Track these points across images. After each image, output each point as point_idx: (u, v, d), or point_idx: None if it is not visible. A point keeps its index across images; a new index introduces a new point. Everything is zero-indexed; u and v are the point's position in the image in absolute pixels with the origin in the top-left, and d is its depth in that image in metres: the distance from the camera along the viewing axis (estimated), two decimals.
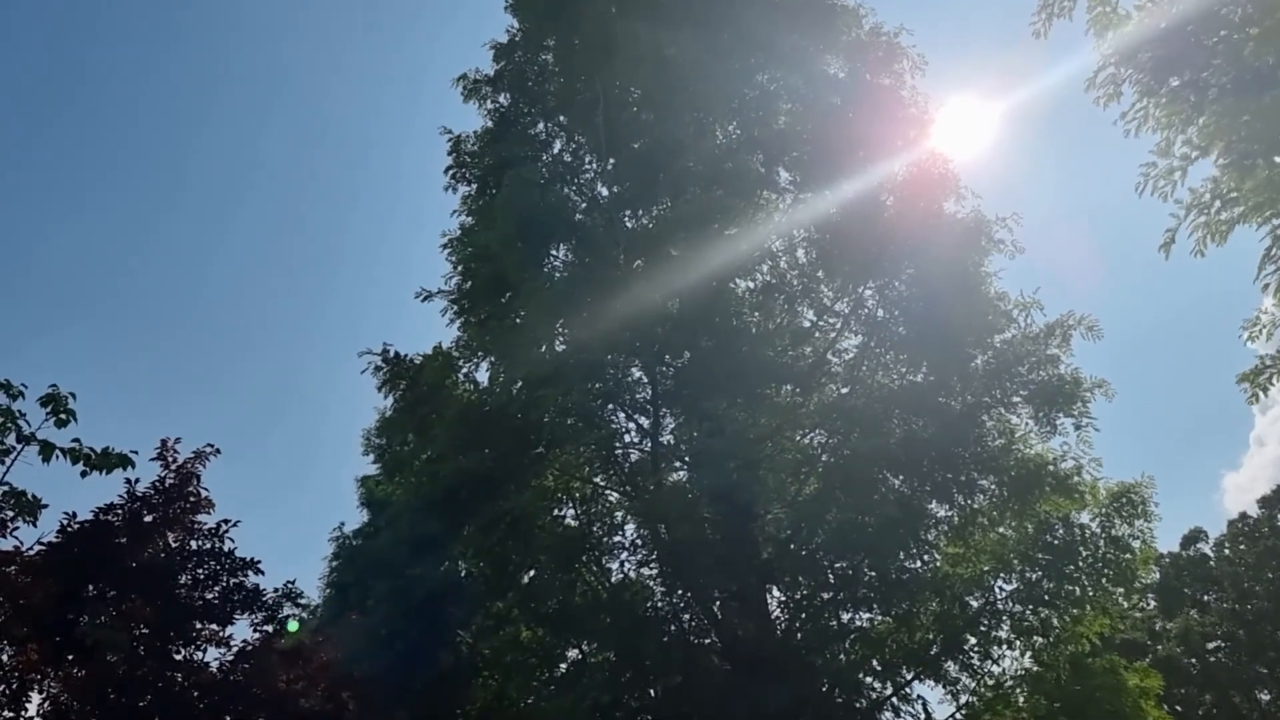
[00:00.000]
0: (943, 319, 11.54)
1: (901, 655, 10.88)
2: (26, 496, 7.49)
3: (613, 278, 12.27)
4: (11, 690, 10.96)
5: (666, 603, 11.12)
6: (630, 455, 12.40)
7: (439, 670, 11.06)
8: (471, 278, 13.29)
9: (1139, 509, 11.22)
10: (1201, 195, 5.37)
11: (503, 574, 11.05)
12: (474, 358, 13.31)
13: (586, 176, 14.64)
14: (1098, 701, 10.64)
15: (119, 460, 7.46)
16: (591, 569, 11.31)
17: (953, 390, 11.38)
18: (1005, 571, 11.36)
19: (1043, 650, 11.34)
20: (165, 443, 12.57)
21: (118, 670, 10.82)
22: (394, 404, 13.48)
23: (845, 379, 12.67)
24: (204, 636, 11.92)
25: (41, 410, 7.43)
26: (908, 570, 10.96)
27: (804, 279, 13.39)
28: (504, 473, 11.28)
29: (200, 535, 11.94)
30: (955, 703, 11.26)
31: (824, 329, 13.32)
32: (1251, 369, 6.21)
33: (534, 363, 12.02)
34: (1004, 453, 11.36)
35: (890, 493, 10.79)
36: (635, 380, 12.58)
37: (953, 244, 12.19)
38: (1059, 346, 11.79)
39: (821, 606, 11.25)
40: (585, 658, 11.30)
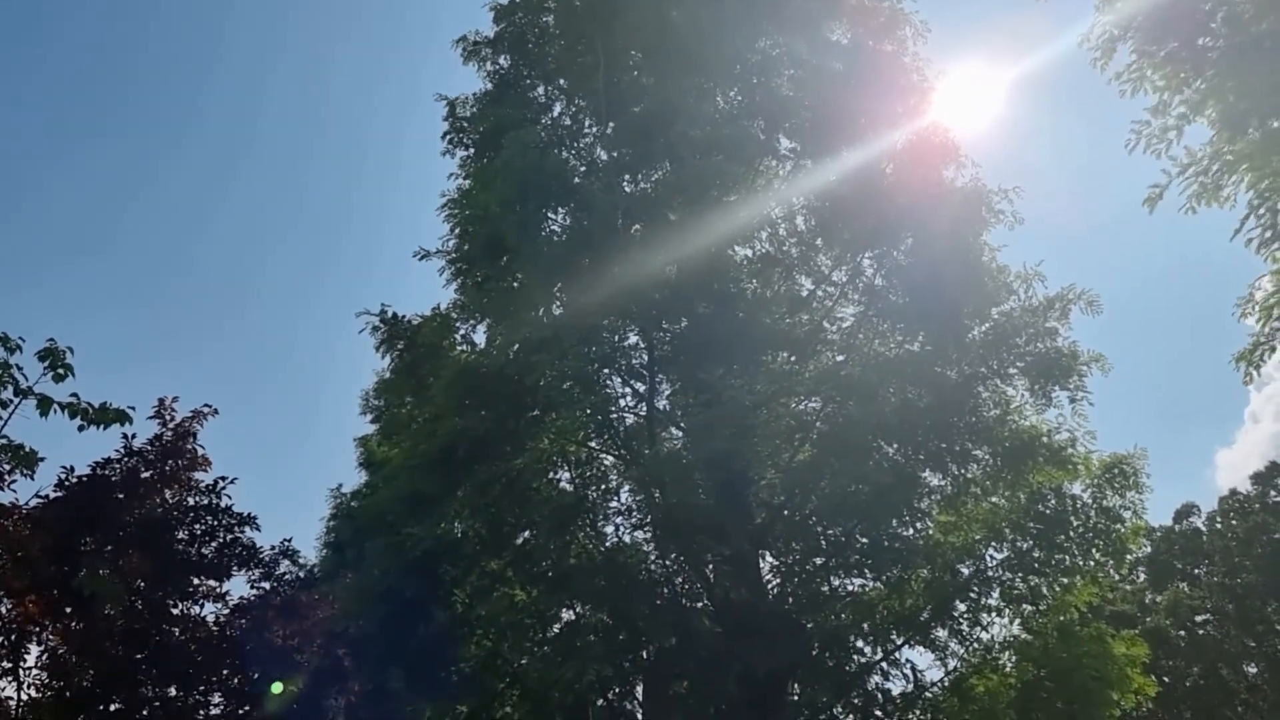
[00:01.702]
0: (941, 289, 11.52)
1: (892, 620, 10.99)
2: (24, 450, 7.50)
3: (611, 242, 12.23)
4: (10, 642, 11.11)
5: (660, 566, 11.21)
6: (626, 420, 12.45)
7: (433, 628, 11.15)
8: (469, 240, 13.24)
9: (1131, 480, 11.30)
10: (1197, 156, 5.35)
11: (498, 534, 11.11)
12: (471, 319, 13.30)
13: (586, 140, 14.55)
14: (1084, 668, 10.76)
15: (116, 416, 7.46)
16: (586, 531, 11.38)
17: (949, 360, 11.40)
18: (996, 540, 11.46)
19: (1032, 618, 11.47)
20: (163, 401, 12.68)
21: (115, 623, 10.97)
22: (391, 364, 13.48)
23: (842, 347, 12.68)
24: (201, 592, 12.08)
25: (39, 364, 7.41)
26: (900, 537, 11.03)
27: (802, 247, 13.36)
28: (501, 434, 11.31)
29: (197, 492, 12.06)
30: (944, 668, 11.41)
31: (821, 297, 13.31)
32: (1246, 348, 6.22)
33: (532, 326, 12.01)
34: (999, 423, 11.41)
35: (884, 460, 10.84)
36: (632, 345, 12.59)
37: (953, 214, 12.14)
38: (1058, 319, 11.78)
39: (813, 572, 11.35)
40: (579, 619, 11.40)
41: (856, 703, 10.85)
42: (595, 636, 10.36)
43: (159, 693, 11.45)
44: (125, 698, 11.20)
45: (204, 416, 12.56)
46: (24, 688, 11.32)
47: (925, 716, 11.18)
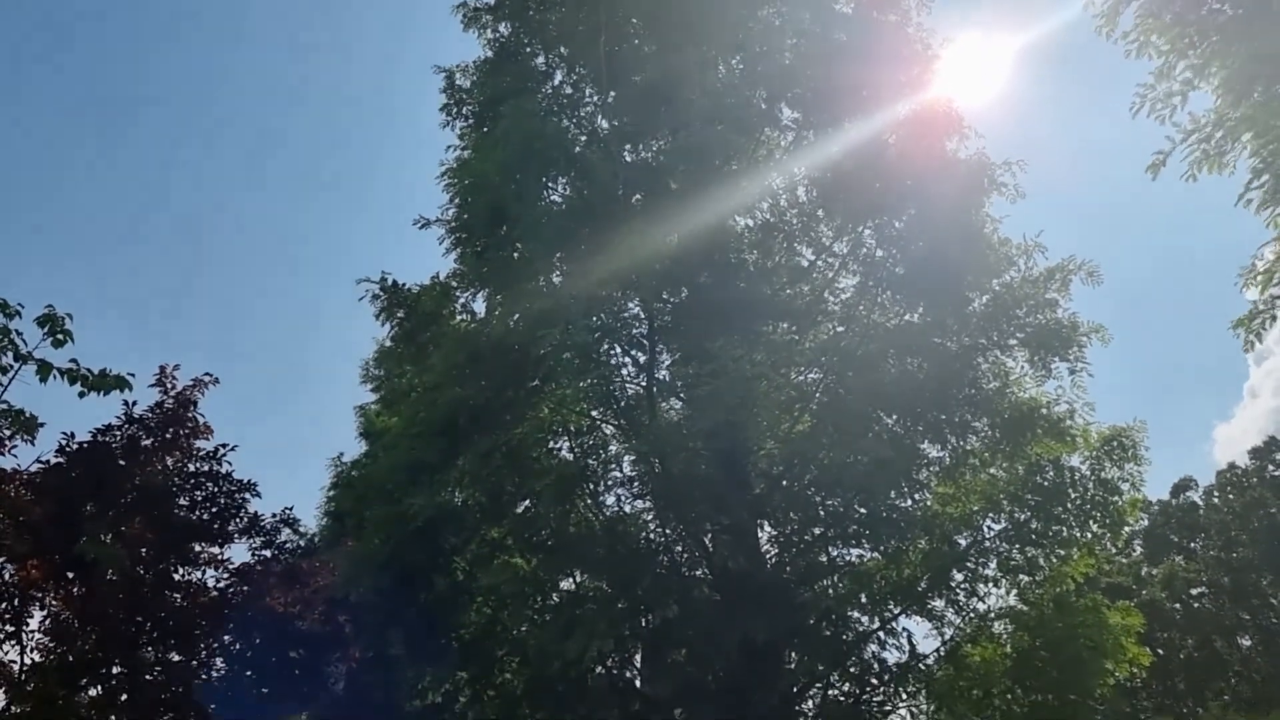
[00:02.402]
0: (942, 260, 11.49)
1: (889, 590, 11.05)
2: (24, 415, 7.51)
3: (612, 211, 12.19)
4: (13, 607, 11.19)
5: (660, 535, 11.25)
6: (626, 389, 12.45)
7: (433, 596, 11.22)
8: (469, 209, 13.18)
9: (1129, 452, 11.32)
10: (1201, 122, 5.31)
11: (498, 503, 11.15)
12: (471, 288, 13.27)
13: (587, 109, 14.45)
14: (1079, 638, 10.82)
15: (116, 382, 7.45)
16: (586, 500, 11.41)
17: (949, 331, 11.39)
18: (994, 511, 11.49)
19: (1028, 589, 11.53)
20: (164, 369, 12.68)
21: (117, 588, 11.04)
22: (391, 332, 13.48)
23: (842, 318, 12.66)
24: (203, 559, 12.15)
25: (39, 330, 7.40)
26: (898, 508, 11.07)
27: (803, 218, 13.32)
28: (501, 403, 11.32)
29: (198, 459, 12.10)
30: (940, 637, 11.47)
31: (822, 268, 13.29)
32: (1246, 314, 6.21)
33: (532, 295, 12.00)
34: (998, 395, 11.42)
35: (883, 432, 10.86)
36: (632, 315, 12.58)
37: (955, 185, 12.09)
38: (1058, 291, 11.76)
39: (812, 542, 11.40)
40: (579, 588, 11.47)
41: (853, 671, 10.93)
42: (595, 606, 10.41)
43: (161, 657, 11.55)
44: (128, 662, 11.30)
45: (205, 385, 12.58)
46: (27, 652, 11.41)
47: (921, 685, 11.25)
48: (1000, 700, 11.15)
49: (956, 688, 11.13)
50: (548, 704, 10.95)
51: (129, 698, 11.57)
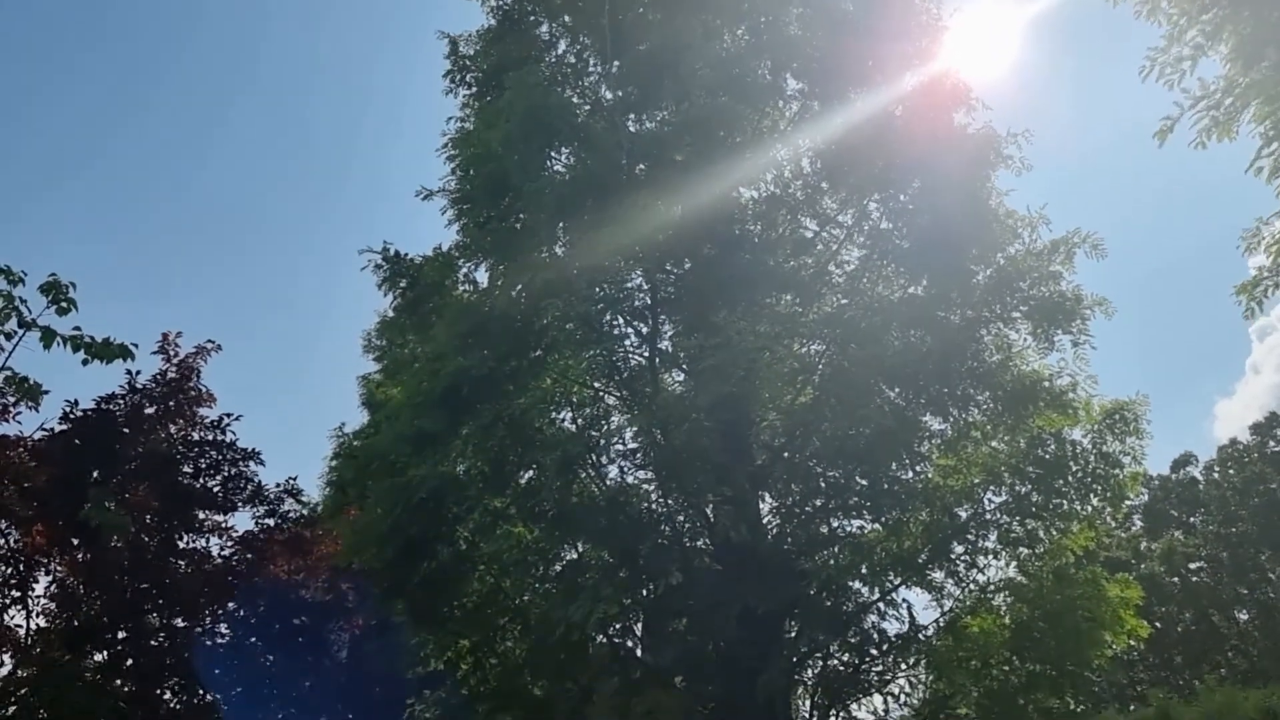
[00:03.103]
0: (947, 233, 11.46)
1: (889, 562, 11.07)
2: (28, 382, 7.52)
3: (615, 182, 12.14)
4: (19, 572, 11.27)
5: (662, 506, 11.29)
6: (629, 361, 12.45)
7: (436, 564, 11.28)
8: (471, 180, 13.12)
9: (1131, 426, 11.32)
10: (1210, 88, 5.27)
11: (501, 473, 11.17)
12: (474, 259, 13.24)
13: (590, 79, 14.37)
14: (1077, 610, 10.88)
15: (120, 351, 7.45)
16: (589, 471, 11.44)
17: (953, 304, 11.37)
18: (995, 484, 11.51)
19: (1028, 561, 11.56)
20: (166, 336, 12.71)
21: (122, 554, 11.12)
22: (394, 303, 13.47)
23: (846, 290, 12.64)
24: (207, 526, 12.23)
25: (42, 298, 7.40)
26: (899, 480, 11.11)
27: (808, 190, 13.26)
28: (504, 374, 11.33)
29: (202, 427, 12.14)
30: (940, 608, 11.52)
31: (826, 240, 13.25)
32: (1248, 280, 6.19)
33: (535, 266, 11.97)
34: (1000, 367, 11.42)
35: (885, 404, 10.87)
36: (635, 286, 12.57)
37: (961, 158, 12.04)
38: (1062, 263, 11.73)
39: (813, 513, 11.43)
40: (581, 557, 11.52)
41: (853, 641, 11.00)
42: (597, 575, 10.47)
43: (166, 623, 11.65)
44: (132, 627, 11.40)
45: (207, 352, 12.61)
46: (33, 617, 11.52)
47: (920, 655, 11.32)
48: (998, 671, 11.24)
49: (955, 658, 11.20)
50: (549, 671, 11.05)
51: (134, 663, 11.69)
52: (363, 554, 11.43)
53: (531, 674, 11.33)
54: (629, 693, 10.26)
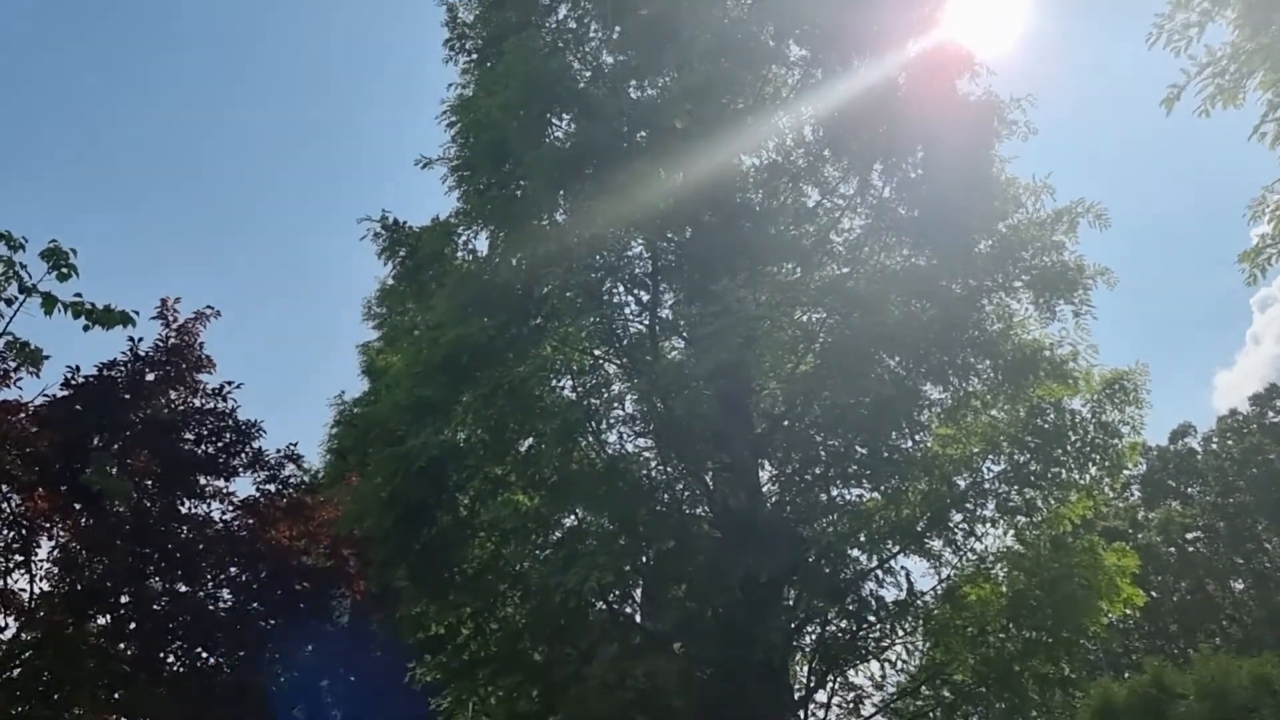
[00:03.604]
0: (949, 202, 11.41)
1: (888, 530, 11.12)
2: (30, 348, 7.52)
3: (616, 149, 12.07)
4: (22, 537, 11.34)
5: (661, 473, 11.32)
6: (629, 328, 12.45)
7: (436, 531, 11.33)
8: (471, 147, 13.04)
9: (1131, 395, 11.33)
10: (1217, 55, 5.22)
11: (501, 440, 11.19)
12: (474, 227, 13.19)
13: (591, 45, 14.23)
14: (1074, 578, 10.95)
15: (120, 318, 7.44)
16: (588, 438, 11.46)
17: (954, 273, 11.34)
18: (994, 453, 11.54)
19: (1025, 529, 11.61)
20: (165, 302, 12.68)
21: (124, 520, 11.18)
22: (393, 271, 13.44)
23: (847, 259, 12.61)
24: (208, 492, 12.29)
25: (43, 264, 7.37)
26: (899, 449, 11.13)
27: (810, 158, 13.18)
28: (503, 342, 11.33)
29: (203, 394, 12.17)
30: (938, 576, 11.59)
31: (828, 209, 13.19)
32: (1251, 249, 6.17)
33: (535, 234, 11.93)
34: (1001, 337, 11.42)
35: (886, 373, 10.87)
36: (636, 254, 12.54)
37: (965, 126, 11.96)
38: (1065, 233, 11.70)
39: (812, 481, 11.47)
40: (581, 524, 11.57)
41: (851, 608, 11.05)
42: (596, 541, 10.52)
43: (168, 587, 11.73)
44: (135, 591, 11.49)
45: (206, 318, 12.59)
46: (36, 581, 11.61)
47: (918, 623, 11.41)
48: (995, 638, 11.33)
49: (953, 626, 11.29)
50: (549, 637, 11.14)
51: (137, 626, 11.79)
52: (362, 521, 11.47)
53: (531, 639, 11.41)
54: (628, 657, 10.34)
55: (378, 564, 11.70)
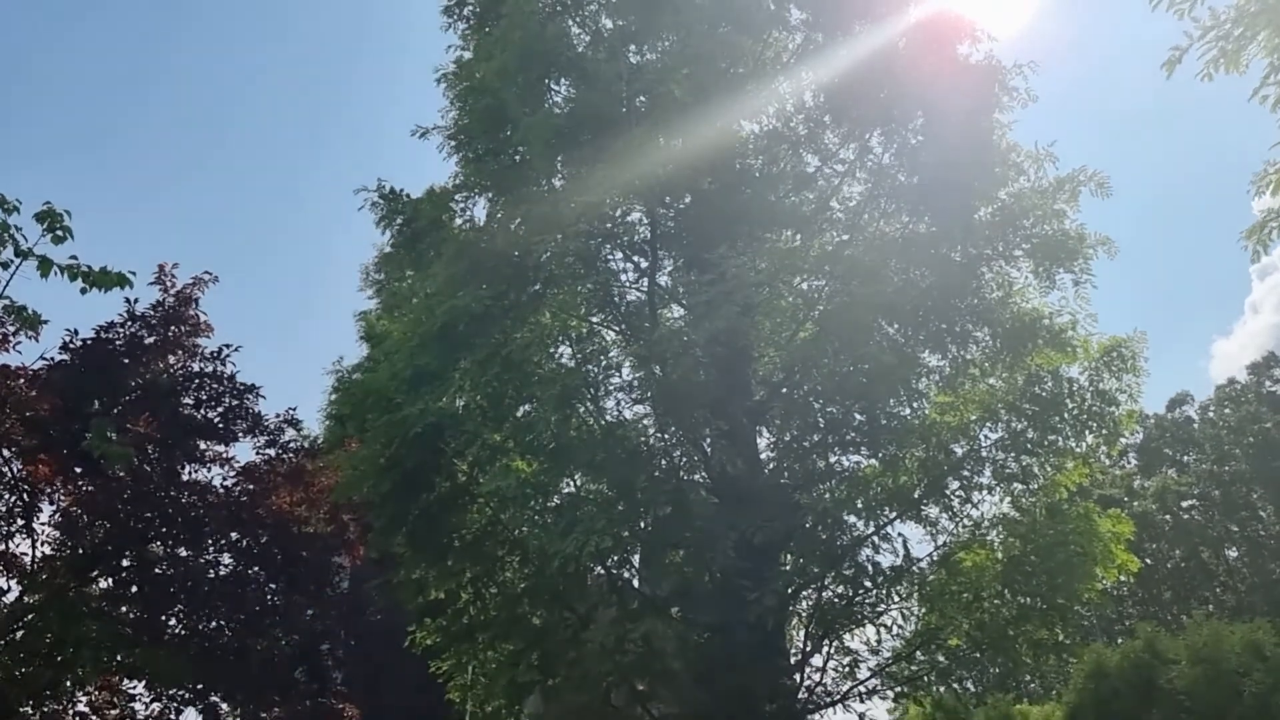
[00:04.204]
0: (950, 169, 11.35)
1: (885, 496, 11.19)
2: (27, 311, 7.49)
3: (615, 115, 11.99)
4: (23, 501, 11.39)
5: (659, 439, 11.36)
6: (627, 295, 12.44)
7: (435, 497, 11.37)
8: (469, 113, 12.97)
9: (1129, 364, 11.34)
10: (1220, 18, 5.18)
11: (499, 407, 11.21)
12: (472, 194, 13.14)
13: (590, 8, 14.08)
14: (1069, 544, 11.01)
15: (117, 279, 7.40)
16: (587, 404, 11.48)
17: (954, 241, 11.31)
18: (991, 421, 11.57)
19: (1021, 496, 11.67)
20: (163, 267, 12.65)
21: (125, 485, 11.22)
22: (391, 239, 13.39)
23: (847, 226, 12.57)
24: (209, 457, 12.33)
25: (37, 226, 7.33)
26: (897, 416, 11.17)
27: (810, 124, 13.09)
28: (501, 309, 11.32)
29: (202, 358, 12.17)
30: (934, 542, 11.68)
31: (828, 175, 13.15)
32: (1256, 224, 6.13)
33: (533, 200, 11.88)
34: (1000, 305, 11.41)
35: (885, 340, 10.87)
36: (635, 221, 12.50)
37: (966, 92, 11.86)
38: (1067, 202, 11.63)
39: (810, 448, 11.50)
40: (579, 490, 11.62)
41: (847, 574, 11.13)
42: (594, 507, 10.56)
43: (169, 551, 11.80)
44: (136, 555, 11.56)
45: (205, 284, 12.57)
46: (38, 544, 11.67)
47: (914, 588, 11.49)
48: (989, 603, 11.43)
49: (948, 591, 11.38)
50: (548, 601, 11.22)
51: (138, 590, 11.88)
52: (361, 488, 11.51)
53: (530, 603, 11.50)
54: (626, 621, 10.43)
55: (376, 530, 11.75)
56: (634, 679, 10.76)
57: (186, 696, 12.28)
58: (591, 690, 10.58)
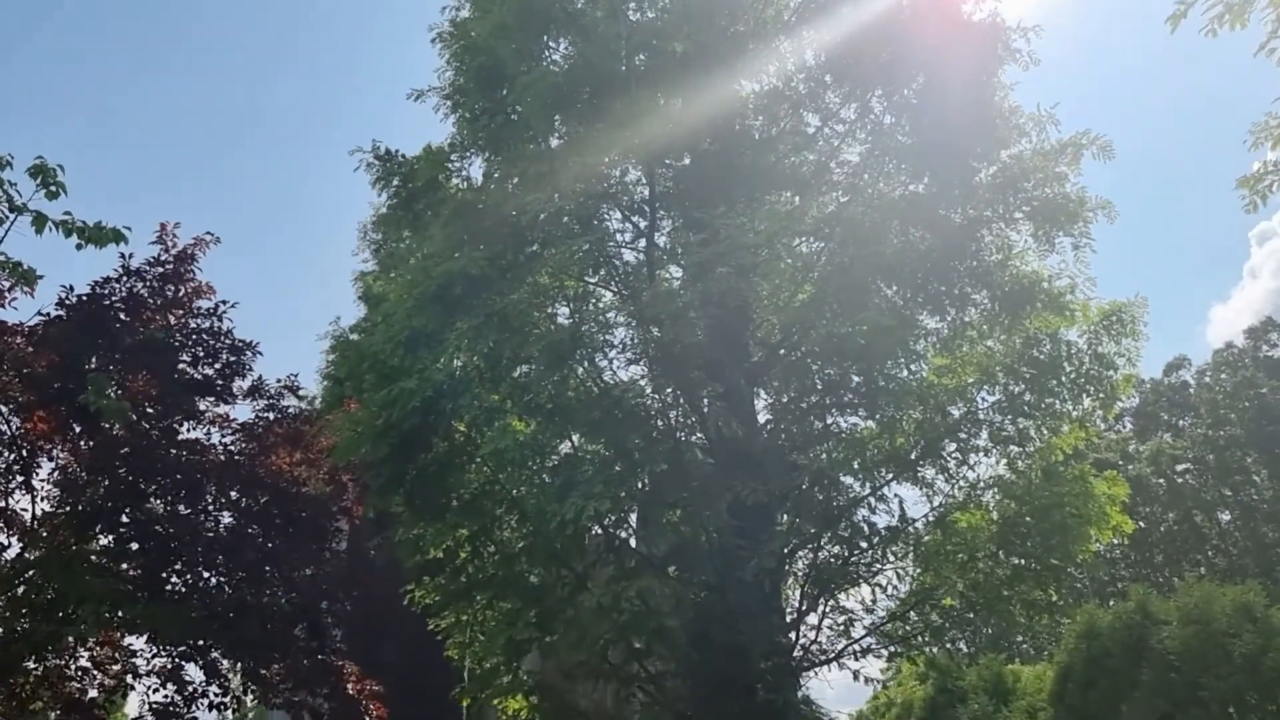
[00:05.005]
0: (951, 130, 11.27)
1: (882, 458, 11.24)
2: (23, 267, 7.46)
3: (614, 73, 11.88)
4: (22, 458, 11.42)
5: (656, 400, 11.38)
6: (625, 256, 12.41)
7: (433, 458, 11.39)
8: (465, 72, 12.82)
9: (1128, 328, 11.34)
10: None
11: (496, 368, 11.20)
12: (468, 154, 13.04)
13: None
14: (1065, 506, 11.08)
15: (113, 235, 7.37)
16: (584, 365, 11.49)
17: (954, 202, 11.27)
18: (989, 383, 11.61)
19: (1017, 458, 11.73)
20: (164, 226, 12.57)
21: (123, 442, 11.24)
22: (388, 200, 13.31)
23: (846, 188, 12.49)
24: (208, 416, 12.34)
25: (31, 182, 7.28)
26: (895, 378, 11.19)
27: (811, 83, 12.96)
28: (498, 270, 11.27)
29: (199, 315, 12.14)
30: (930, 503, 11.75)
31: (828, 136, 13.05)
32: (1251, 174, 6.08)
33: (530, 160, 11.79)
34: (999, 267, 11.38)
35: (883, 302, 10.87)
36: (633, 181, 12.42)
37: (969, 52, 11.74)
38: (1068, 164, 11.54)
39: (808, 409, 11.53)
40: (576, 450, 11.66)
41: (844, 534, 11.22)
42: (591, 469, 10.60)
43: (169, 510, 11.84)
44: (135, 513, 11.59)
45: (206, 244, 12.49)
46: (38, 501, 11.71)
47: (909, 548, 11.58)
48: (984, 564, 11.53)
49: (943, 551, 11.47)
50: (546, 560, 11.29)
51: (138, 547, 11.94)
52: (359, 450, 11.53)
53: (528, 562, 11.58)
54: (623, 579, 10.51)
55: (375, 490, 11.80)
56: (631, 636, 10.86)
57: (187, 652, 12.38)
58: (589, 648, 10.68)
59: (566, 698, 12.20)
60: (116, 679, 12.71)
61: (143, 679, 12.62)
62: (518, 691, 12.03)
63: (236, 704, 13.04)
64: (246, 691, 12.96)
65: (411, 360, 11.06)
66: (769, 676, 9.94)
